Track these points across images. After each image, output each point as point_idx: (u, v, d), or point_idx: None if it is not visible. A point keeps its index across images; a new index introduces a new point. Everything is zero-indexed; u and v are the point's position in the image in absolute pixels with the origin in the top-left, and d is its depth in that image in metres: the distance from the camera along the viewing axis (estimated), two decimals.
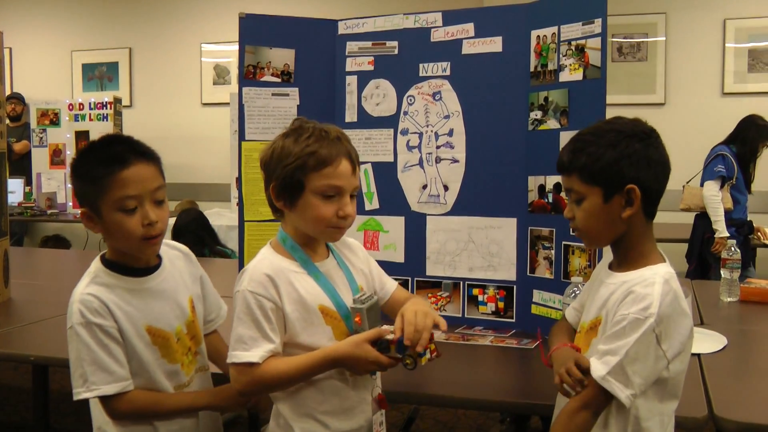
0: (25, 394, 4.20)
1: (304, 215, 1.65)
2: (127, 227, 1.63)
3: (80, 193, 1.69)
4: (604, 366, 1.48)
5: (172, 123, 7.85)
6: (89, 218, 1.68)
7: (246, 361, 1.58)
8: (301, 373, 1.61)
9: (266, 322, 1.60)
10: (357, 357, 1.60)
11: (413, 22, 2.70)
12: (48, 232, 7.81)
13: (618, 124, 1.59)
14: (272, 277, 1.62)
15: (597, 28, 2.35)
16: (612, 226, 1.58)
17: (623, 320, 1.48)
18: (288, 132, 1.67)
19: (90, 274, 1.72)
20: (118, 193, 1.62)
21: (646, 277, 1.52)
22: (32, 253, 5.72)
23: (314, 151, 1.60)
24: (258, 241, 2.72)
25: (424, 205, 2.69)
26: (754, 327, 2.72)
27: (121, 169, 1.62)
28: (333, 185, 1.62)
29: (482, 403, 2.07)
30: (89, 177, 1.65)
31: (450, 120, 2.65)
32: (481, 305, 2.63)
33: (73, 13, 8.25)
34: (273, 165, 1.64)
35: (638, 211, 1.56)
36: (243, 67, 2.72)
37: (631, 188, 1.54)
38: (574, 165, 1.58)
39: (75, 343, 1.64)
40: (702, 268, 5.02)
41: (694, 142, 6.04)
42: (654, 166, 1.56)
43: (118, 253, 1.73)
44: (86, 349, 1.62)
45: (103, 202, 1.63)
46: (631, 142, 1.54)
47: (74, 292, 1.68)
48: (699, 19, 6.30)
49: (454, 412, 3.86)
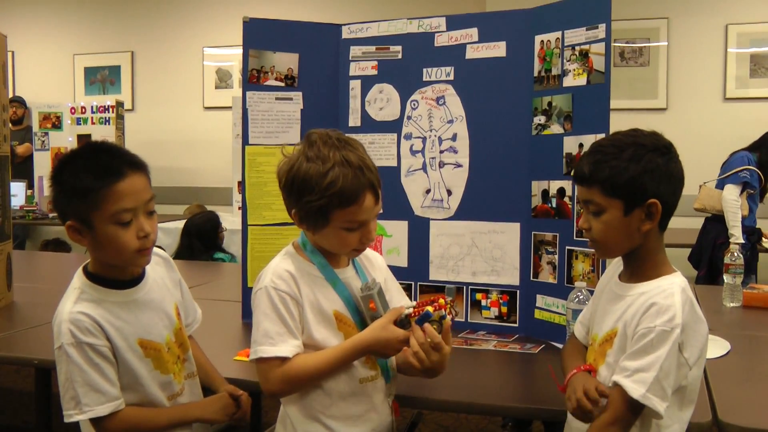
0: (27, 397, 4.19)
1: (329, 240, 1.67)
2: (123, 240, 1.60)
3: (65, 206, 1.62)
4: (641, 385, 1.47)
5: (174, 127, 7.86)
6: (77, 231, 1.63)
7: (275, 356, 1.58)
8: (331, 364, 1.62)
9: (290, 319, 1.61)
10: (386, 339, 1.61)
11: (417, 26, 2.70)
12: (49, 235, 7.81)
13: (638, 137, 1.59)
14: (294, 275, 1.64)
15: (601, 33, 2.35)
16: (629, 239, 1.59)
17: (650, 333, 1.48)
18: (309, 154, 1.61)
19: (75, 290, 1.67)
20: (114, 206, 1.58)
21: (665, 288, 1.54)
22: (34, 257, 5.73)
23: (338, 191, 1.57)
24: (262, 245, 2.72)
25: (428, 210, 2.69)
26: (758, 332, 2.71)
27: (116, 181, 1.58)
28: (358, 221, 1.63)
29: (485, 408, 2.07)
30: (79, 190, 1.59)
31: (453, 124, 2.65)
32: (485, 310, 2.63)
33: (76, 17, 8.26)
34: (295, 193, 1.62)
35: (655, 225, 1.57)
36: (247, 71, 2.73)
37: (653, 203, 1.54)
38: (595, 177, 1.57)
39: (65, 364, 1.61)
40: (711, 273, 4.97)
41: (696, 147, 6.03)
42: (674, 181, 1.57)
43: (102, 266, 1.69)
44: (78, 370, 1.59)
45: (96, 216, 1.59)
46: (653, 157, 1.55)
47: (60, 311, 1.64)
48: (701, 25, 6.31)
49: (457, 417, 3.86)
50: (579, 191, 1.65)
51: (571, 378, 1.65)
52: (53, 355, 1.64)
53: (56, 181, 1.63)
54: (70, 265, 4.69)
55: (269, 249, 2.70)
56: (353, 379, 1.67)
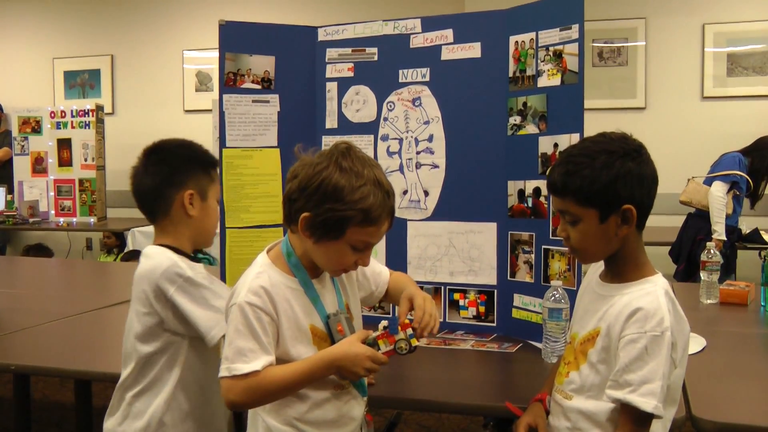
0: (6, 403, 4.16)
1: (325, 255, 1.64)
2: (215, 218, 1.98)
3: (192, 178, 1.91)
4: (650, 397, 1.46)
5: (155, 130, 7.71)
6: (193, 199, 1.89)
7: (246, 373, 1.55)
8: (299, 377, 1.59)
9: (264, 336, 1.58)
10: (355, 354, 1.60)
11: (392, 28, 2.71)
12: (30, 240, 7.75)
13: (607, 143, 1.58)
14: (270, 291, 1.60)
15: (574, 34, 2.37)
16: (608, 245, 1.60)
17: (641, 339, 1.48)
18: (342, 164, 1.58)
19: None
20: (216, 187, 1.99)
21: (649, 291, 1.54)
22: (14, 262, 5.69)
23: (367, 208, 1.56)
24: (240, 248, 2.72)
25: (405, 211, 2.70)
26: (733, 328, 2.74)
27: (216, 167, 2.02)
28: (369, 242, 1.63)
29: (464, 407, 2.08)
30: (203, 164, 1.96)
31: (430, 126, 2.66)
32: (462, 310, 2.64)
33: (55, 21, 8.21)
34: (318, 198, 1.57)
35: (633, 228, 1.58)
36: (223, 75, 2.73)
37: (628, 208, 1.55)
38: (568, 188, 1.57)
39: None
40: (690, 269, 5.02)
41: (674, 145, 6.10)
42: (647, 183, 1.57)
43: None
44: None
45: (209, 189, 1.94)
46: (624, 162, 1.54)
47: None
48: (678, 24, 6.35)
49: (438, 417, 3.87)
50: (553, 201, 1.65)
51: (531, 405, 1.75)
52: (32, 361, 1.64)
53: (190, 158, 2.01)
54: (51, 271, 4.68)
55: (247, 251, 2.70)
56: (327, 385, 1.67)
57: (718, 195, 4.80)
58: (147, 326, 1.83)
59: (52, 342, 2.58)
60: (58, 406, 4.23)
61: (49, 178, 7.24)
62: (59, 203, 7.26)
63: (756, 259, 4.81)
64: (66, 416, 4.02)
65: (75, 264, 5.94)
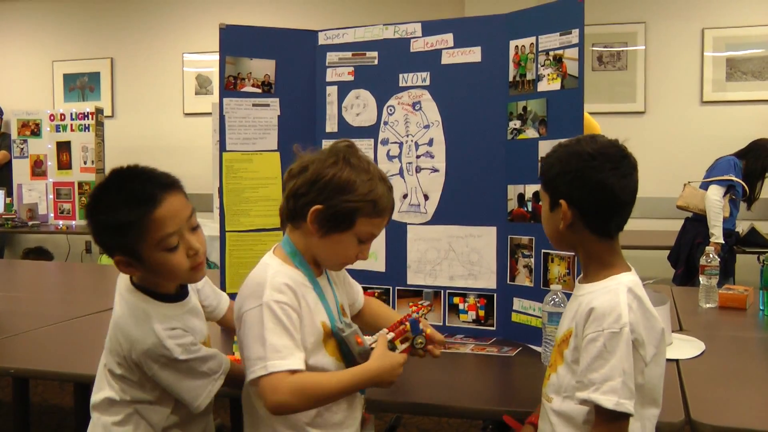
0: (5, 407, 4.16)
1: (331, 248, 1.68)
2: (174, 264, 1.59)
3: (109, 243, 1.61)
4: (612, 394, 1.46)
5: (155, 133, 7.82)
6: (127, 264, 1.61)
7: (286, 369, 1.54)
8: (344, 388, 1.62)
9: (295, 332, 1.59)
10: (391, 365, 1.65)
11: (393, 32, 2.72)
12: (29, 243, 7.76)
13: (583, 143, 1.62)
14: (293, 287, 1.62)
15: (574, 39, 2.37)
16: (558, 234, 1.66)
17: (599, 337, 1.49)
18: (352, 160, 1.66)
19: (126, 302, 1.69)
20: (157, 234, 1.55)
21: (611, 288, 1.55)
22: (14, 265, 5.69)
23: (377, 199, 1.65)
24: (240, 252, 2.73)
25: (405, 215, 2.70)
26: (732, 333, 2.74)
27: (153, 208, 1.55)
28: (373, 234, 1.70)
29: (463, 411, 2.08)
30: (117, 225, 1.55)
31: (430, 130, 2.66)
32: (462, 313, 2.64)
33: (55, 24, 8.22)
34: (329, 192, 1.62)
35: (580, 228, 1.60)
36: (224, 78, 2.73)
37: (561, 203, 1.60)
38: (541, 170, 1.70)
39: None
40: (689, 272, 5.03)
41: (674, 149, 6.12)
42: (594, 189, 1.57)
43: (147, 281, 1.69)
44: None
45: (142, 247, 1.56)
46: (575, 161, 1.58)
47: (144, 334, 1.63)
48: (678, 29, 6.37)
49: (438, 420, 3.87)
50: None
51: (528, 423, 1.78)
52: (31, 364, 1.63)
53: (92, 220, 1.61)
54: (50, 274, 4.68)
55: (248, 255, 2.71)
56: None
57: (714, 199, 4.84)
58: (121, 374, 1.70)
59: (52, 345, 2.58)
60: (58, 410, 4.23)
61: (49, 181, 7.25)
62: (58, 206, 7.27)
63: (755, 263, 4.82)
64: (65, 420, 4.02)
65: (74, 267, 5.94)
